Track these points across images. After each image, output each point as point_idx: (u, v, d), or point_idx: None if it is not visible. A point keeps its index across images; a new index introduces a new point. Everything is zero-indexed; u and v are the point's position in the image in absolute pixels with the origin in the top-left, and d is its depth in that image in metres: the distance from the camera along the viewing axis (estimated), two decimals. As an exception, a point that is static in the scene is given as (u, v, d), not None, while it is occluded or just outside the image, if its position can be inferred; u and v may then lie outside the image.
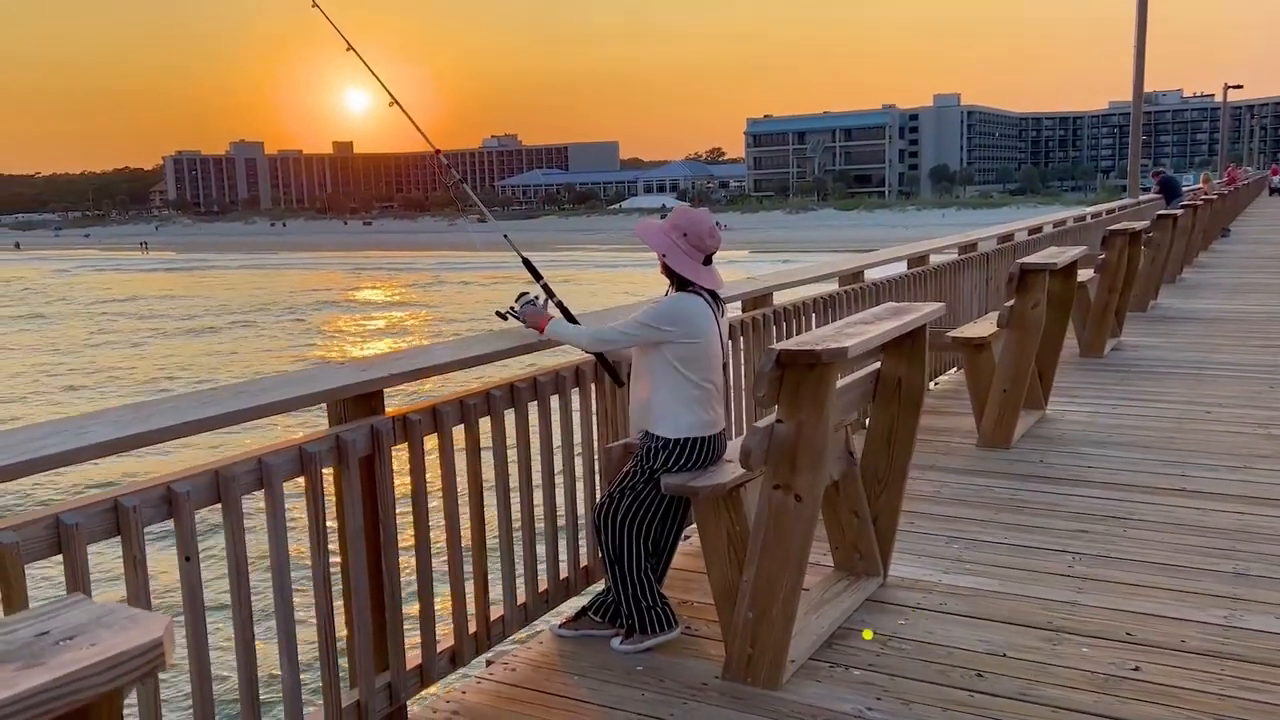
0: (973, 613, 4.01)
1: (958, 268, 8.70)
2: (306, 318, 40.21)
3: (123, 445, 2.43)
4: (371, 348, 30.62)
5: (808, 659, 3.62)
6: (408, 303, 45.59)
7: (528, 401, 3.74)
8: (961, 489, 5.58)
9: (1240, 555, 4.49)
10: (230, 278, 64.71)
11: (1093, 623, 3.87)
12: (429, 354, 3.49)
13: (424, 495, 3.26)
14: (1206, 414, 6.99)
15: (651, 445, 3.57)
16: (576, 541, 4.11)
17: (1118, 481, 5.60)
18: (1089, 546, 4.65)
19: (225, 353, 30.67)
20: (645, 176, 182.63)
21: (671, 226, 3.55)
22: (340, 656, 3.01)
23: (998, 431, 6.37)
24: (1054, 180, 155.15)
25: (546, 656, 3.72)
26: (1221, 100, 57.13)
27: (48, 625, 1.27)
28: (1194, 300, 12.82)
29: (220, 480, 2.63)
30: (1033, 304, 6.32)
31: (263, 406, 2.81)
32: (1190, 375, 8.30)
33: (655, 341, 3.47)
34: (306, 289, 53.57)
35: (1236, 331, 10.38)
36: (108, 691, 1.18)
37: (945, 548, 4.71)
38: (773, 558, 3.38)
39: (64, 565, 2.30)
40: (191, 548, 2.54)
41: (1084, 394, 7.75)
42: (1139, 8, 20.25)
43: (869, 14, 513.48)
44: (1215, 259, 18.28)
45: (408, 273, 63.27)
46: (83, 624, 1.27)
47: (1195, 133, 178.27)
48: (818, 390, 3.27)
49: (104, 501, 2.38)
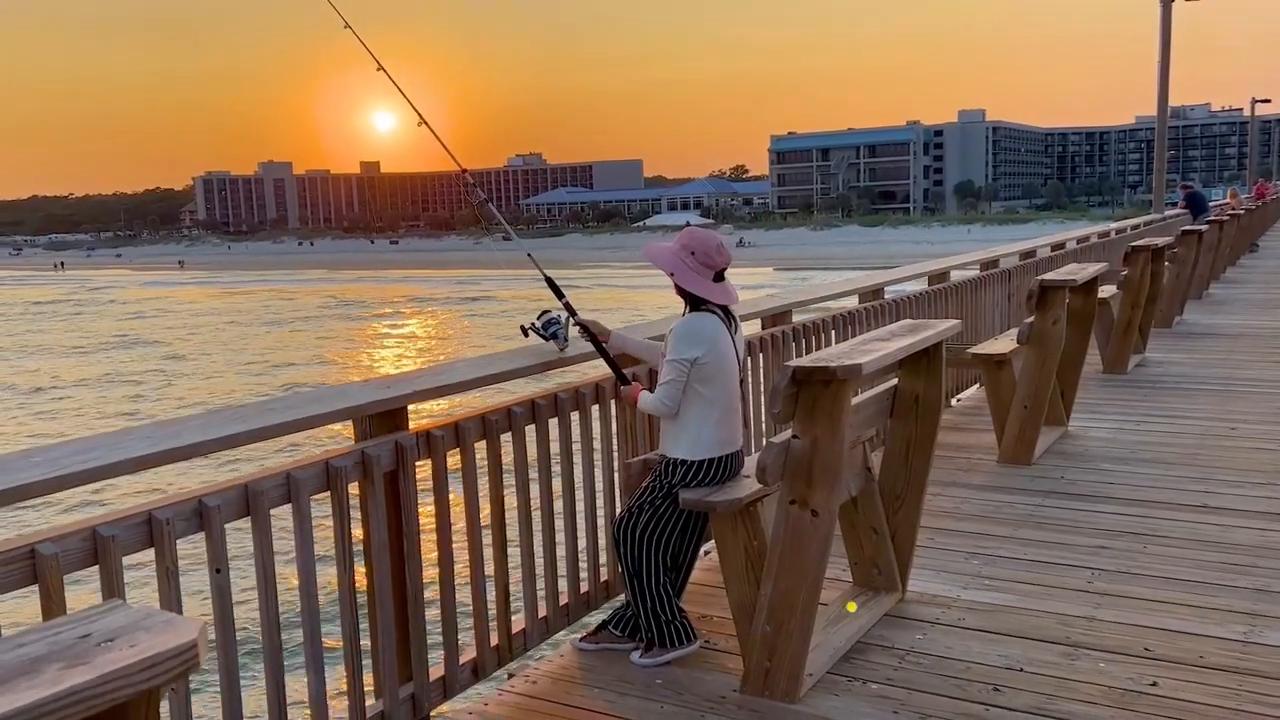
0: (991, 628, 4.02)
1: (979, 284, 8.71)
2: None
3: (156, 460, 2.51)
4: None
5: (825, 673, 3.66)
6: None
7: (548, 418, 3.81)
8: (982, 505, 5.59)
9: (1261, 572, 4.48)
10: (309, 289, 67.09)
11: (1111, 638, 3.88)
12: (451, 371, 3.57)
13: (447, 509, 3.33)
14: (1231, 430, 6.96)
15: (671, 463, 3.63)
16: (597, 556, 4.17)
17: (1139, 498, 5.59)
18: (1109, 562, 4.66)
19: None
20: (669, 194, 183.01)
21: (680, 247, 3.62)
22: (364, 668, 3.08)
23: (1019, 448, 6.37)
24: (1080, 196, 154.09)
25: (567, 669, 3.78)
26: (1249, 114, 56.65)
27: (90, 628, 1.35)
28: (1220, 316, 12.74)
29: (250, 494, 2.71)
30: (1053, 320, 6.34)
31: (289, 423, 2.89)
32: (1215, 391, 8.26)
33: (691, 369, 3.52)
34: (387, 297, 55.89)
35: (1263, 347, 10.31)
36: (146, 690, 1.25)
37: (965, 563, 4.73)
38: (790, 572, 3.42)
39: (100, 575, 2.38)
40: (222, 560, 2.62)
41: (1107, 410, 7.73)
42: (1162, 22, 20.20)
43: (893, 31, 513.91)
44: (1243, 274, 18.14)
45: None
46: (123, 627, 1.34)
47: (1224, 147, 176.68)
48: (833, 406, 3.32)
49: (138, 514, 2.46)
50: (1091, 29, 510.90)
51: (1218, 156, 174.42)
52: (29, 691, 1.16)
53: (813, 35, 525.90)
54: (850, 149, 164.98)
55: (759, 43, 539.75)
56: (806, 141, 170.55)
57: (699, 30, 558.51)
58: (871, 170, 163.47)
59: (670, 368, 3.55)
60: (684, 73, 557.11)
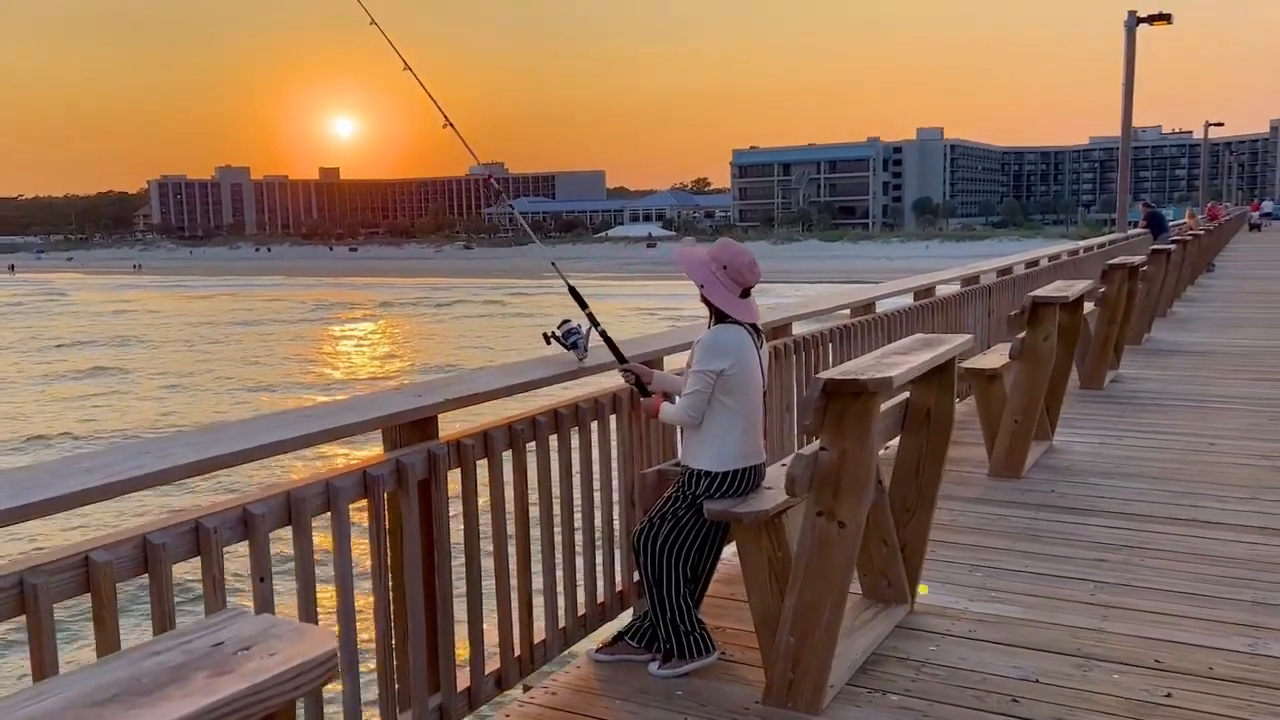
0: (1002, 639, 4.07)
1: (961, 300, 8.83)
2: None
3: (204, 467, 2.48)
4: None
5: (845, 684, 3.68)
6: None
7: (569, 427, 3.80)
8: (978, 518, 5.65)
9: (1258, 584, 4.58)
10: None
11: (1121, 650, 3.94)
12: (481, 379, 3.55)
13: (475, 518, 3.32)
14: (1210, 446, 7.11)
15: (695, 474, 3.64)
16: (613, 566, 4.16)
17: (1130, 511, 5.69)
18: (1109, 575, 4.74)
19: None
20: (631, 205, 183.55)
21: (712, 258, 3.63)
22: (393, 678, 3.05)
23: (1009, 461, 6.46)
24: (1035, 214, 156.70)
25: (585, 680, 3.76)
26: (1202, 137, 58.02)
27: (220, 636, 1.33)
28: (1186, 334, 13.01)
29: (292, 501, 2.68)
30: (1044, 336, 6.44)
31: (328, 430, 2.87)
32: (1190, 408, 8.43)
33: (717, 381, 3.53)
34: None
35: (1230, 364, 10.55)
36: (292, 699, 1.24)
37: (969, 575, 4.79)
38: (815, 583, 3.44)
39: (149, 583, 2.34)
40: (265, 568, 2.59)
41: (1088, 425, 7.86)
42: (1127, 47, 20.64)
43: (853, 48, 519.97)
44: (1202, 293, 18.54)
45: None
46: (253, 635, 1.33)
47: (1174, 169, 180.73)
48: (862, 419, 3.35)
49: (187, 522, 2.43)
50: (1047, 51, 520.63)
51: (1168, 178, 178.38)
52: (189, 699, 1.14)
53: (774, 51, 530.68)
54: (811, 164, 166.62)
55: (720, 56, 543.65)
56: (768, 156, 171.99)
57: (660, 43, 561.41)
58: (832, 185, 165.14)
59: (696, 378, 3.57)
60: (646, 85, 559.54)
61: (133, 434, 21.18)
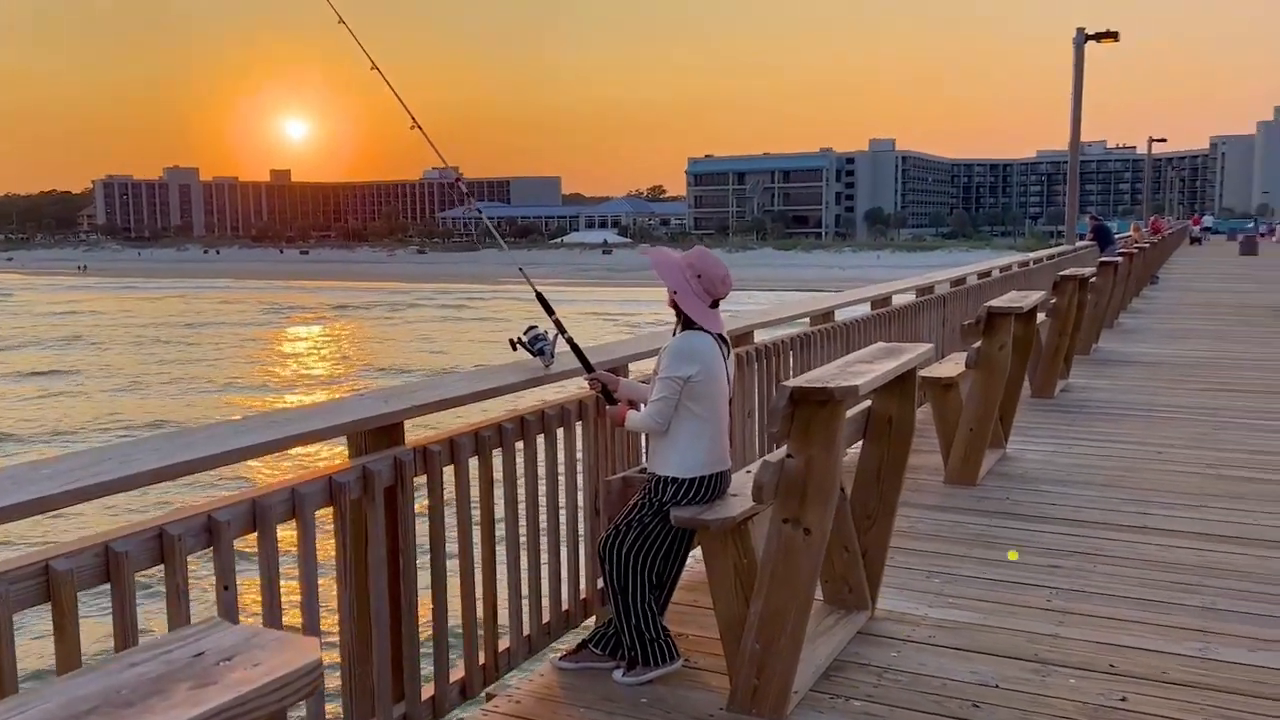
0: (961, 645, 4.12)
1: (917, 309, 8.94)
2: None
3: (168, 473, 2.44)
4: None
5: (809, 690, 3.70)
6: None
7: (536, 434, 3.79)
8: (935, 525, 5.72)
9: (1206, 590, 4.69)
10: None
11: (1077, 655, 4.01)
12: (448, 385, 3.53)
13: (441, 526, 3.29)
14: (1158, 454, 7.27)
15: (662, 481, 3.64)
16: (578, 573, 4.15)
17: (1082, 519, 5.79)
18: (1063, 581, 4.82)
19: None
20: (587, 212, 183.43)
21: (687, 265, 3.64)
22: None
23: (964, 469, 6.55)
24: (984, 225, 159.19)
25: (550, 688, 3.75)
26: (1145, 152, 59.31)
27: (200, 646, 1.31)
28: (1132, 345, 13.28)
29: (257, 509, 2.64)
30: (999, 346, 6.54)
31: (294, 436, 2.83)
32: (1138, 417, 8.61)
33: (684, 387, 3.53)
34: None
35: (1176, 375, 10.79)
36: (278, 710, 1.22)
37: (926, 582, 4.84)
38: (781, 590, 3.46)
39: (111, 593, 2.29)
40: (230, 577, 2.55)
41: (1040, 434, 7.99)
42: (1076, 63, 21.06)
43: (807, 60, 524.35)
44: (1147, 305, 18.95)
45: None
46: (235, 645, 1.31)
47: (1119, 183, 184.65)
48: (828, 426, 3.38)
49: (150, 529, 2.38)
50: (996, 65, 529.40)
51: (1113, 191, 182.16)
52: (173, 712, 1.11)
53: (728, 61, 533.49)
54: (765, 173, 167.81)
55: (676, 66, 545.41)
56: (723, 165, 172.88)
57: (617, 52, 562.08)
58: (786, 195, 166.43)
59: (663, 385, 3.57)
60: (602, 93, 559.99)
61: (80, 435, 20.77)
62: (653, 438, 3.70)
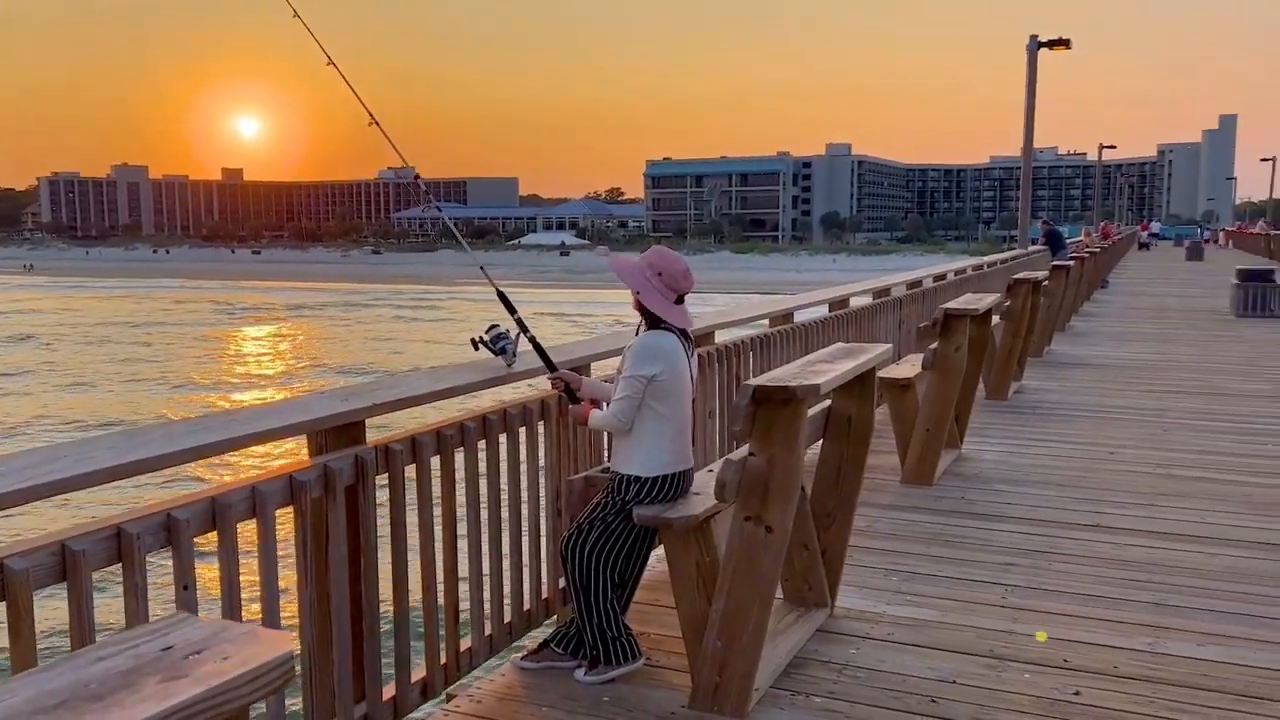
0: (919, 642, 4.17)
1: (874, 311, 9.03)
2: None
3: (124, 471, 2.40)
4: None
5: (769, 687, 3.73)
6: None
7: (498, 433, 3.78)
8: (892, 524, 5.79)
9: (1156, 587, 4.79)
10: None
11: (1031, 651, 4.08)
12: (409, 384, 3.51)
13: (403, 525, 3.27)
14: (1110, 455, 7.40)
15: (625, 480, 3.65)
16: (540, 573, 4.14)
17: (1036, 518, 5.89)
18: (1018, 579, 4.89)
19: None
20: (545, 213, 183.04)
21: (647, 265, 3.65)
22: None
23: (921, 469, 6.63)
24: (939, 230, 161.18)
25: (511, 688, 3.73)
26: (1096, 158, 60.46)
27: (168, 640, 1.29)
28: (1084, 347, 13.52)
29: (217, 507, 2.61)
30: (955, 347, 6.63)
31: (253, 435, 2.80)
32: (1089, 418, 8.77)
33: (648, 386, 3.54)
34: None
35: (1126, 377, 11.00)
36: (248, 704, 1.21)
37: (885, 580, 4.89)
38: (743, 587, 3.48)
39: (68, 592, 2.25)
40: (189, 576, 2.51)
41: (994, 434, 8.11)
42: (1029, 70, 21.40)
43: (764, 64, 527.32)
44: (1098, 309, 19.30)
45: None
46: (204, 639, 1.29)
47: (1069, 188, 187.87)
48: (790, 425, 3.41)
49: (108, 528, 2.34)
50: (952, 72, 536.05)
51: (1064, 197, 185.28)
52: (143, 705, 1.10)
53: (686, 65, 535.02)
54: (723, 176, 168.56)
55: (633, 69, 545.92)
56: (681, 168, 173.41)
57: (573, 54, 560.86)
58: (743, 198, 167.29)
59: (627, 384, 3.58)
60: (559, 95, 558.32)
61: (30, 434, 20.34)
62: (616, 436, 3.71)
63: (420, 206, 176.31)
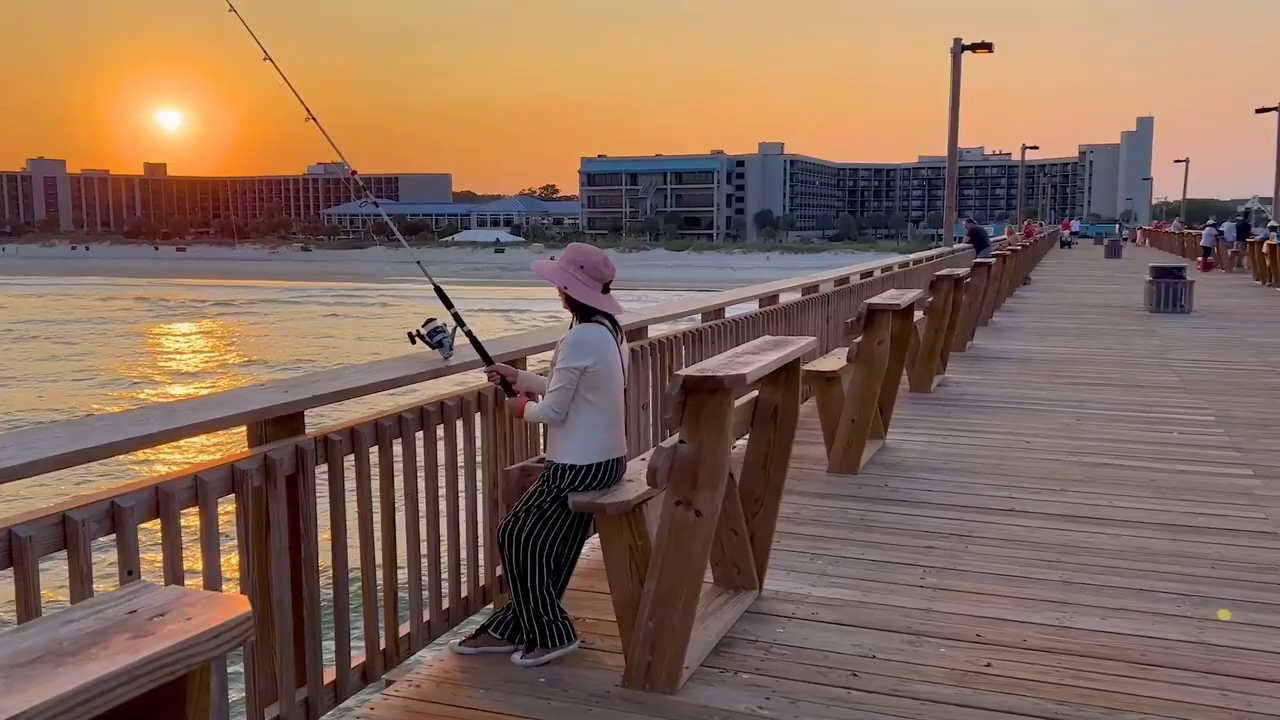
0: (842, 620, 4.37)
1: (803, 307, 9.27)
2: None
3: (70, 460, 2.46)
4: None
5: (700, 665, 3.88)
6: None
7: (435, 424, 3.88)
8: (818, 511, 5.99)
9: (1065, 566, 5.05)
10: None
11: (947, 627, 4.30)
12: (348, 376, 3.59)
13: (342, 514, 3.36)
14: (1026, 444, 7.72)
15: (560, 468, 3.77)
16: (477, 561, 4.25)
17: (955, 503, 6.14)
18: (936, 560, 5.12)
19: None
20: (479, 210, 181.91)
21: (568, 261, 3.79)
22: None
23: (846, 458, 6.85)
24: (869, 228, 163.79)
25: (449, 673, 3.84)
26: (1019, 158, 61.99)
27: (133, 604, 1.39)
28: (1005, 342, 13.96)
29: (160, 495, 2.67)
30: (878, 341, 6.87)
31: (194, 425, 2.87)
32: (1010, 409, 9.11)
33: (581, 377, 3.67)
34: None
35: (1045, 370, 11.41)
36: (210, 659, 1.32)
37: (810, 563, 5.09)
38: (673, 569, 3.63)
39: (15, 579, 2.31)
40: (134, 562, 2.58)
41: (917, 425, 8.39)
42: (953, 72, 21.95)
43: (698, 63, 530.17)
44: (1020, 305, 19.89)
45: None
46: (166, 603, 1.40)
47: (995, 188, 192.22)
48: (718, 413, 3.56)
49: (53, 515, 2.40)
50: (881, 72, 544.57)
51: (989, 196, 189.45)
52: (115, 658, 1.20)
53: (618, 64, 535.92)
54: (658, 174, 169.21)
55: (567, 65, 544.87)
56: (616, 165, 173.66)
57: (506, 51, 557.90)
58: (678, 196, 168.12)
59: (560, 376, 3.70)
60: (492, 91, 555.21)
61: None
62: (551, 427, 3.83)
63: (356, 202, 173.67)
